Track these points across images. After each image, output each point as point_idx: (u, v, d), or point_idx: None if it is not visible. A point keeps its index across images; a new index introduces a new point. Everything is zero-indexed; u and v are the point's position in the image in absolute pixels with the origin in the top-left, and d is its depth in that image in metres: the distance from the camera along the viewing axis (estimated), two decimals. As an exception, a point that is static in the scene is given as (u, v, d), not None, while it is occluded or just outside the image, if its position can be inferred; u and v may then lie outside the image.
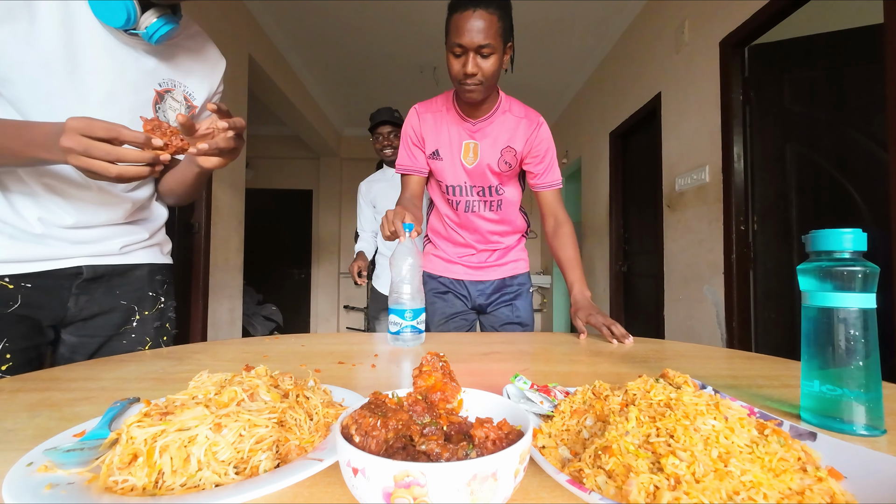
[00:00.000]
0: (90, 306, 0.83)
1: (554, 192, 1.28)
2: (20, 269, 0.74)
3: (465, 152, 1.22)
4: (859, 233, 0.43)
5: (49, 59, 0.68)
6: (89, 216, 0.80)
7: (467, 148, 1.22)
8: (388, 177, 2.25)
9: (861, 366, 0.43)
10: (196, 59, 0.87)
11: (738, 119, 2.19)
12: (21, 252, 0.73)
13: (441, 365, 0.41)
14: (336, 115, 5.46)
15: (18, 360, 0.74)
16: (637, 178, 3.37)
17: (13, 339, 0.73)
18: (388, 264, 0.92)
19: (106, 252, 0.83)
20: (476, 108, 1.19)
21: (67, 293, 0.80)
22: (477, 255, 1.36)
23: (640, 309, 3.33)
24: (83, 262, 0.80)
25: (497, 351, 0.85)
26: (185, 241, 2.71)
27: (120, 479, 0.31)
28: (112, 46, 0.73)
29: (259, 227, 5.20)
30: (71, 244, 0.78)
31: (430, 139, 1.23)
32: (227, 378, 0.41)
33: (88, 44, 0.71)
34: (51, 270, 0.77)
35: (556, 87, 4.64)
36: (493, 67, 1.06)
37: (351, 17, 3.36)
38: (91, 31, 0.71)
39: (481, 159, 1.22)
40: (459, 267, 1.37)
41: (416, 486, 0.24)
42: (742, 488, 0.28)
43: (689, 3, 2.58)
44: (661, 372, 0.46)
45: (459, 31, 1.01)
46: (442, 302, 1.36)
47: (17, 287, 0.74)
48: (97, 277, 0.83)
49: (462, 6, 1.01)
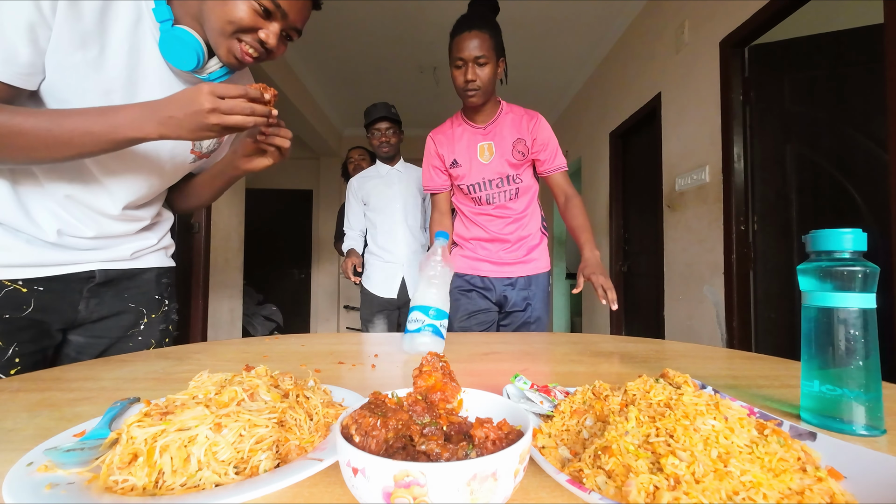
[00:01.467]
0: (100, 309, 0.83)
1: (561, 173, 1.44)
2: (35, 273, 0.74)
3: (480, 153, 1.43)
4: (859, 233, 0.43)
5: (110, 88, 0.70)
6: (108, 228, 0.80)
7: (482, 149, 1.42)
8: (383, 173, 2.21)
9: (861, 366, 0.43)
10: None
11: (738, 119, 2.19)
12: (37, 257, 0.73)
13: (441, 365, 0.41)
14: (336, 115, 5.46)
15: (26, 364, 0.73)
16: (637, 178, 3.37)
17: (23, 342, 0.73)
18: (419, 268, 0.91)
19: (118, 257, 0.84)
20: (482, 115, 1.41)
21: (79, 296, 0.80)
22: (501, 250, 1.48)
23: (640, 309, 3.33)
24: (95, 266, 0.81)
25: (497, 351, 0.85)
26: (185, 241, 2.71)
27: (120, 479, 0.31)
28: (168, 80, 0.76)
29: (259, 227, 5.21)
30: (85, 250, 0.79)
31: (447, 153, 1.44)
32: (227, 378, 0.41)
33: (148, 77, 0.74)
34: (63, 275, 0.77)
35: (556, 87, 4.63)
36: (488, 75, 1.29)
37: (351, 17, 3.36)
38: (152, 64, 0.74)
39: (496, 155, 1.41)
40: (485, 264, 1.48)
41: (416, 485, 0.24)
42: (742, 488, 0.28)
43: (689, 3, 2.58)
44: (661, 372, 0.46)
45: (460, 47, 1.27)
46: (466, 299, 1.47)
47: (31, 291, 0.73)
48: (108, 281, 0.83)
49: (460, 29, 1.28)
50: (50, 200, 0.73)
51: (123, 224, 0.83)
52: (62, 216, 0.74)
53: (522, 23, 3.43)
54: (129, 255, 0.85)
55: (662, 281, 2.85)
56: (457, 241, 1.54)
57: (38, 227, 0.73)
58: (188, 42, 0.72)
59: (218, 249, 2.92)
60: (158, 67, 0.74)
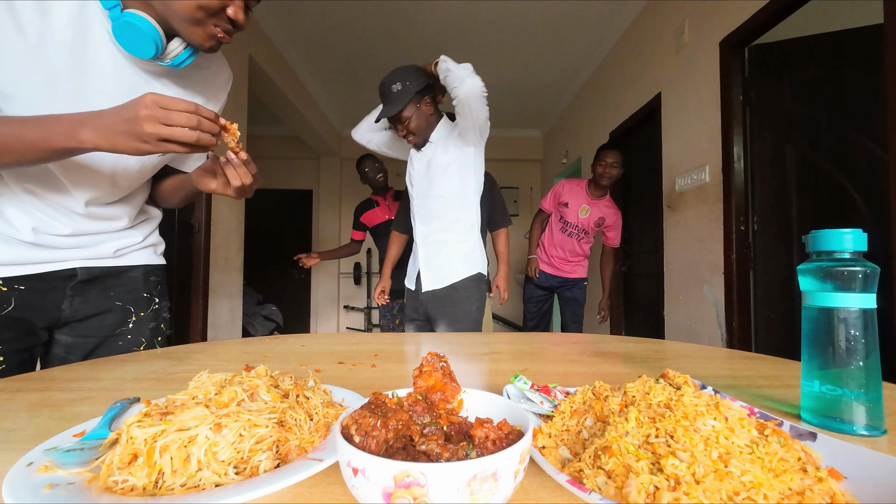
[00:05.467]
0: (85, 308, 0.83)
1: (612, 246, 2.89)
2: (13, 271, 0.73)
3: (582, 210, 2.75)
4: (859, 233, 0.43)
5: (55, 79, 0.66)
6: (85, 225, 0.79)
7: (584, 209, 2.75)
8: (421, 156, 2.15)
9: (861, 366, 0.43)
10: (206, 78, 0.87)
11: (738, 119, 2.19)
12: (14, 255, 0.73)
13: (441, 365, 0.41)
14: (336, 115, 5.46)
15: (11, 363, 0.73)
16: (637, 178, 3.37)
17: (6, 341, 0.73)
18: None
19: (100, 255, 0.83)
20: (599, 192, 2.75)
21: (62, 295, 0.79)
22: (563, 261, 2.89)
23: (640, 309, 3.33)
24: (77, 264, 0.80)
25: (497, 351, 0.85)
26: (185, 241, 2.71)
27: (120, 479, 0.31)
28: (122, 68, 0.73)
29: (259, 227, 5.20)
30: (65, 248, 0.78)
31: (564, 196, 2.82)
32: (227, 378, 0.41)
33: (98, 64, 0.70)
34: (44, 273, 0.76)
35: (556, 87, 4.63)
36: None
37: (351, 17, 3.36)
38: (102, 51, 0.70)
39: (589, 217, 2.75)
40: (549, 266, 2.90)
41: (416, 486, 0.24)
42: (742, 489, 0.27)
43: (689, 3, 2.58)
44: (661, 372, 0.46)
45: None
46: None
47: (11, 290, 0.73)
48: (91, 279, 0.83)
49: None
50: (18, 198, 0.72)
51: (98, 222, 0.81)
52: (34, 214, 0.73)
53: (522, 23, 3.43)
54: (113, 252, 0.84)
55: (662, 281, 2.85)
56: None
57: (12, 225, 0.72)
58: (144, 30, 0.67)
59: (218, 249, 2.92)
60: (110, 54, 0.71)
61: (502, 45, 3.75)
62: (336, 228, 6.02)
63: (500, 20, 3.39)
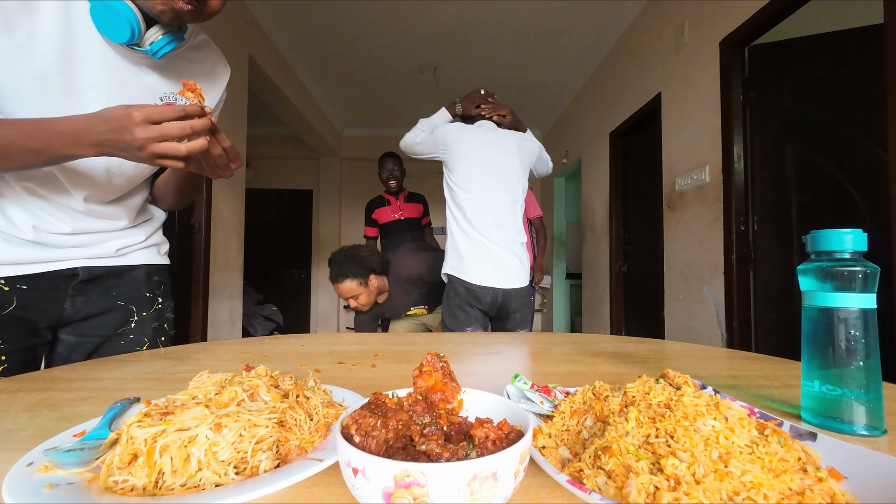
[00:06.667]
0: (87, 307, 0.83)
1: None
2: (15, 270, 0.73)
3: None
4: (859, 233, 0.43)
5: (46, 74, 0.66)
6: (85, 224, 0.79)
7: None
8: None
9: (861, 366, 0.43)
10: (200, 72, 0.86)
11: (738, 119, 2.19)
12: (16, 255, 0.73)
13: (441, 365, 0.41)
14: (336, 115, 5.45)
15: (13, 362, 0.73)
16: (637, 178, 3.37)
17: (8, 340, 0.73)
18: None
19: (102, 254, 0.83)
20: None
21: (64, 294, 0.79)
22: None
23: (640, 309, 3.33)
24: (79, 263, 0.80)
25: (497, 351, 0.85)
26: (185, 241, 2.71)
27: (120, 479, 0.31)
28: (112, 61, 0.72)
29: (259, 227, 5.20)
30: (66, 248, 0.78)
31: None
32: (227, 378, 0.41)
33: (88, 58, 0.70)
34: (46, 272, 0.76)
35: (556, 87, 4.63)
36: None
37: (351, 17, 3.36)
38: (91, 45, 0.69)
39: None
40: None
41: (417, 486, 0.24)
42: (742, 489, 0.27)
43: (689, 3, 2.58)
44: (661, 372, 0.46)
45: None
46: None
47: (13, 289, 0.73)
48: (93, 279, 0.82)
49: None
50: (18, 197, 0.72)
51: (98, 221, 0.81)
52: (35, 212, 0.74)
53: (522, 23, 3.43)
54: (114, 251, 0.84)
55: (662, 281, 2.85)
56: None
57: (13, 224, 0.72)
58: (120, 11, 0.65)
59: (218, 249, 2.92)
60: (99, 48, 0.70)
61: (502, 45, 3.75)
62: (336, 228, 6.01)
63: (500, 20, 3.39)
